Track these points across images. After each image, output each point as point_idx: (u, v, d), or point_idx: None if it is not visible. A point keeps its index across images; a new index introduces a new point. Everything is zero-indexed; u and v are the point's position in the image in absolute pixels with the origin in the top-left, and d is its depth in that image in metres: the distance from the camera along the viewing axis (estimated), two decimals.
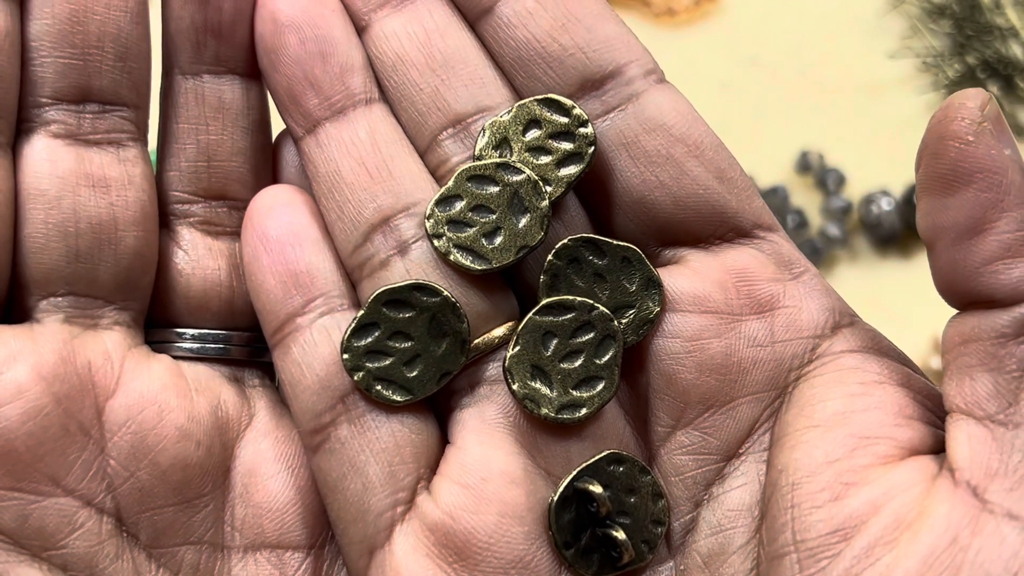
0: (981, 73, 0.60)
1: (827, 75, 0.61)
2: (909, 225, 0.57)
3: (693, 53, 0.62)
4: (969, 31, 0.60)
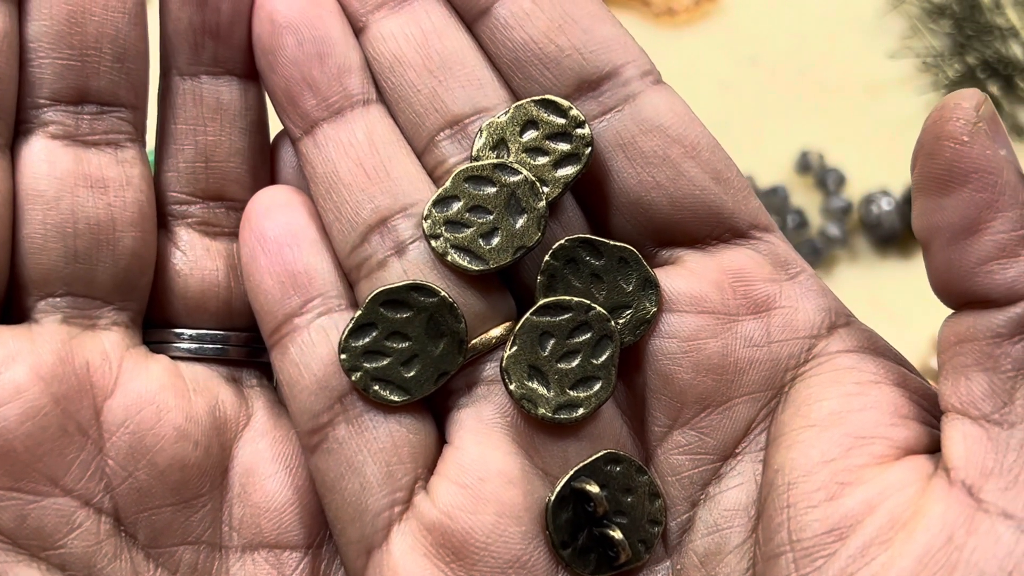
0: (981, 73, 0.60)
1: (827, 75, 0.61)
2: (909, 225, 0.56)
3: (693, 53, 0.62)
4: (969, 31, 0.60)
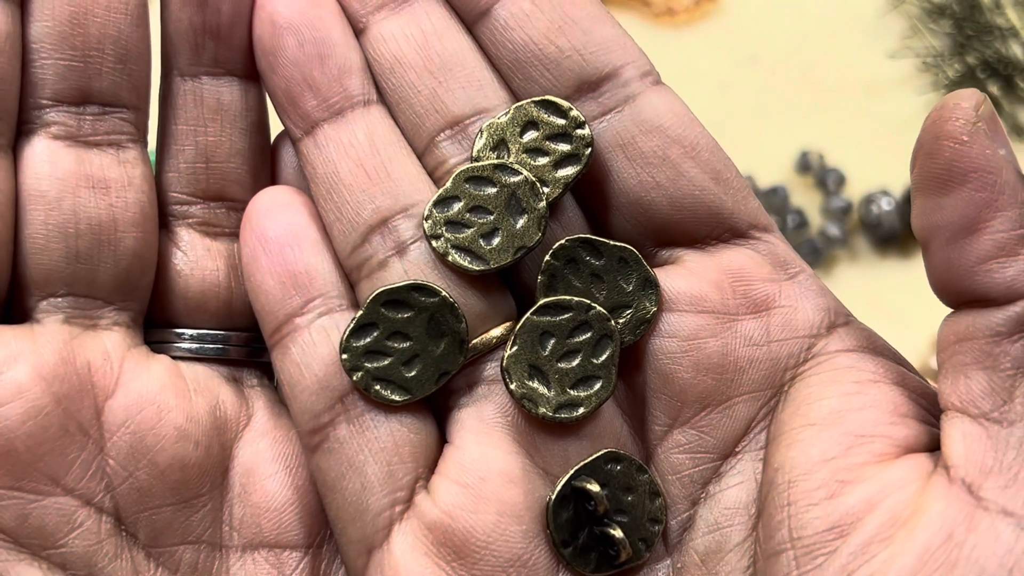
0: (981, 73, 0.60)
1: (827, 75, 0.61)
2: (909, 225, 0.56)
3: (693, 53, 0.62)
4: (969, 31, 0.60)
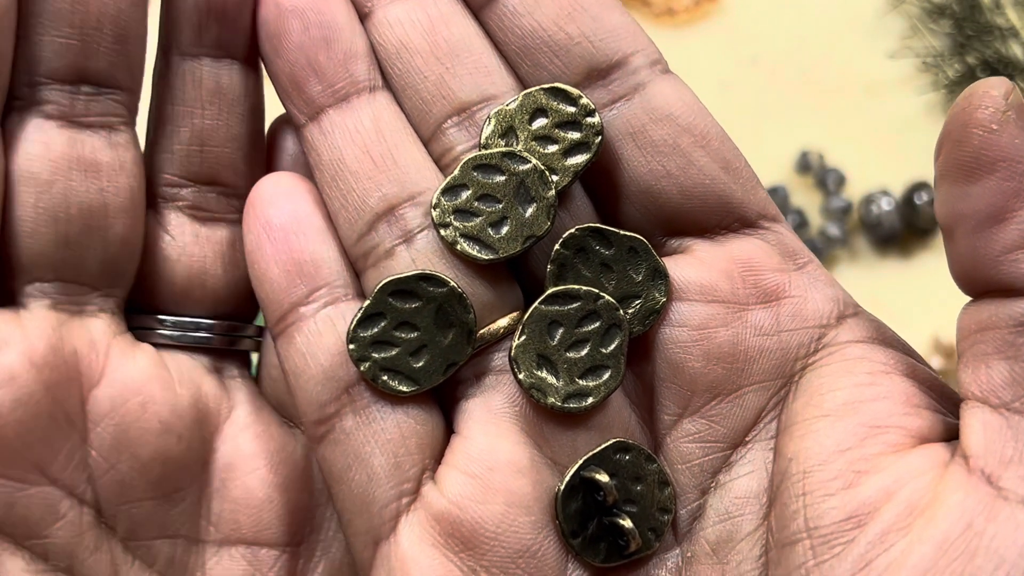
0: (981, 73, 0.60)
1: (827, 75, 0.61)
2: (909, 225, 0.56)
3: (693, 53, 0.61)
4: (969, 31, 0.60)
